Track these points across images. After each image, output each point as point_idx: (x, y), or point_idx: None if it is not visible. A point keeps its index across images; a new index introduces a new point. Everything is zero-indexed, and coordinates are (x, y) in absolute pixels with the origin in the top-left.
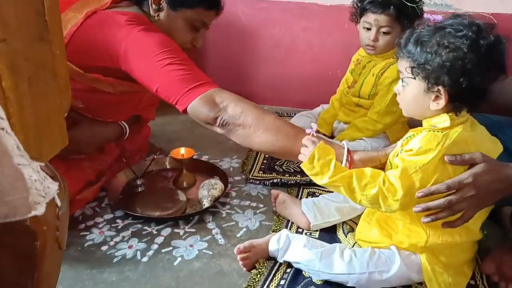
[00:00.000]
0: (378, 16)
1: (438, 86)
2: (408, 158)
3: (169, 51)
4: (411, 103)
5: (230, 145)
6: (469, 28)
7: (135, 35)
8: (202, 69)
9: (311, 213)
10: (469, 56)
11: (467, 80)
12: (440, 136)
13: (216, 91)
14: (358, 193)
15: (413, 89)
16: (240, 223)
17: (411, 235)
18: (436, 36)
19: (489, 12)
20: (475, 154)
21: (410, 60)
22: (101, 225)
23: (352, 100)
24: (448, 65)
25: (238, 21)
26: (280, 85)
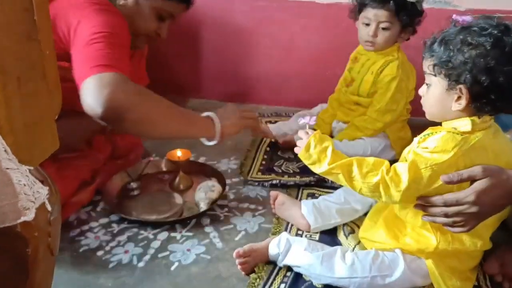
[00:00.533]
0: (377, 11)
1: (460, 85)
2: (421, 153)
3: (106, 33)
4: (434, 104)
5: (228, 146)
6: (496, 27)
7: (87, 14)
8: (199, 68)
9: (312, 215)
10: (492, 53)
11: (489, 78)
12: (459, 138)
13: (117, 76)
14: (359, 181)
15: (435, 89)
16: (238, 226)
17: (420, 240)
18: (461, 35)
19: (489, 9)
20: (475, 169)
21: (434, 58)
22: (96, 229)
23: (351, 99)
24: (470, 62)
25: (235, 20)
26: (278, 85)
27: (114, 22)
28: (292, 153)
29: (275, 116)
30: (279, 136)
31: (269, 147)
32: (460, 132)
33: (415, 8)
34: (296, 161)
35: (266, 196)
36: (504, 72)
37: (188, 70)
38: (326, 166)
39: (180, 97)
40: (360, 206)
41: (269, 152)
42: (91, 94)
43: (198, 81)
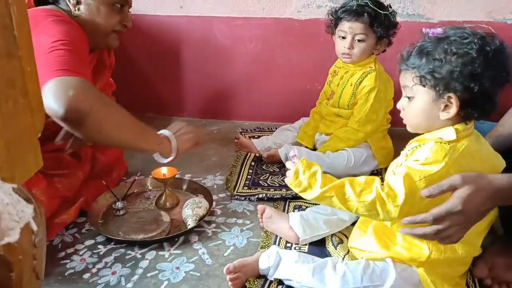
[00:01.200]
0: (352, 24)
1: (449, 93)
2: (413, 166)
3: (65, 41)
4: (419, 115)
5: (213, 162)
6: (473, 36)
7: (45, 25)
8: (181, 87)
9: (300, 227)
10: (478, 60)
11: (477, 85)
12: (447, 148)
13: (81, 81)
14: (354, 200)
15: (420, 100)
16: (227, 241)
17: (412, 250)
18: (442, 45)
19: (460, 20)
20: (454, 178)
21: (416, 70)
22: (82, 251)
23: (332, 111)
24: (458, 71)
25: (214, 39)
26: (259, 101)
27: (71, 31)
28: (277, 166)
29: (258, 131)
30: (263, 150)
31: (253, 162)
32: (447, 141)
33: (388, 19)
34: (281, 174)
35: (253, 211)
36: (488, 77)
37: (170, 89)
38: (318, 190)
39: (162, 116)
40: (347, 216)
41: (254, 167)
42: (54, 95)
43: (180, 100)
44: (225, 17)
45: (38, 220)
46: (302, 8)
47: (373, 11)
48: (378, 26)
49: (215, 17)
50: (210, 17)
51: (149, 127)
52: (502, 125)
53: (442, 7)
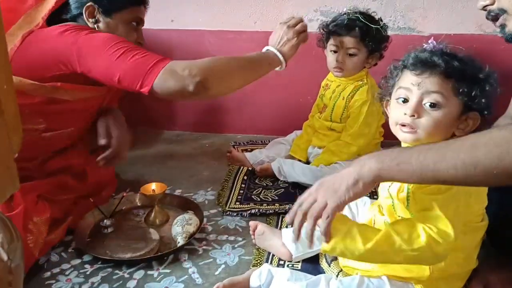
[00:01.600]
0: (343, 38)
1: (475, 111)
2: (434, 197)
3: (119, 43)
4: (442, 126)
5: (204, 176)
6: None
7: (84, 38)
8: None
9: (292, 244)
10: (493, 84)
11: (491, 108)
12: None
13: (175, 62)
14: (407, 250)
15: (449, 111)
16: (218, 259)
17: (412, 269)
18: (469, 63)
19: (451, 33)
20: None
21: (456, 81)
22: (68, 271)
23: (325, 125)
24: (487, 92)
25: (206, 52)
26: (252, 114)
27: (111, 34)
28: (270, 180)
29: (251, 144)
30: (256, 164)
31: (246, 176)
32: None
33: (380, 33)
34: (274, 189)
35: (246, 227)
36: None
37: (162, 103)
38: (362, 248)
39: (154, 130)
40: None
41: (247, 181)
42: (175, 81)
43: (171, 113)
44: (216, 30)
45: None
46: None
47: (364, 25)
48: (370, 40)
49: (207, 31)
50: (201, 30)
51: (255, 54)
52: None
53: (432, 20)
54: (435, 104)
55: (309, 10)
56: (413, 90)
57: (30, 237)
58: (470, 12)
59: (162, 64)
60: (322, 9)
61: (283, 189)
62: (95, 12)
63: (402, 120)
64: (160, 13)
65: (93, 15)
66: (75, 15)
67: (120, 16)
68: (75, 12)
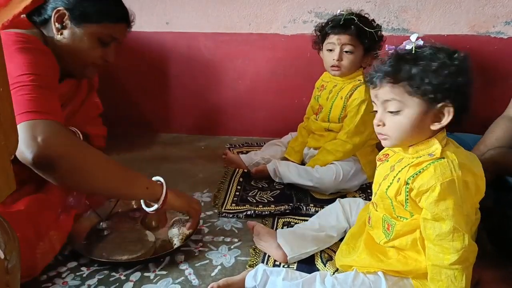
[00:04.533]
0: (340, 36)
1: (445, 102)
2: (442, 204)
3: (31, 75)
4: (409, 129)
5: (200, 178)
6: (442, 51)
7: (10, 53)
8: (167, 102)
9: (287, 245)
10: (463, 70)
11: (465, 93)
12: (445, 162)
13: (51, 123)
14: (453, 270)
15: (411, 112)
16: (214, 260)
17: (409, 262)
18: (425, 57)
19: (444, 34)
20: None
21: (407, 83)
22: (64, 274)
23: (322, 126)
24: (450, 80)
25: (201, 55)
26: (247, 116)
27: (39, 62)
28: (265, 182)
29: (246, 146)
30: (251, 166)
31: (241, 178)
32: (439, 156)
33: (375, 33)
34: (270, 190)
35: (242, 228)
36: (470, 84)
37: (157, 105)
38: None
39: (150, 132)
40: (335, 232)
41: (242, 183)
42: (22, 142)
43: (167, 116)
44: (211, 33)
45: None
46: (288, 23)
47: (359, 23)
48: (365, 38)
49: (201, 33)
50: (196, 33)
51: (136, 172)
52: (483, 143)
53: (426, 21)
54: (392, 111)
55: (303, 11)
56: (376, 102)
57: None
58: (463, 13)
59: (32, 116)
60: (317, 11)
61: (278, 191)
62: (65, 17)
63: (376, 130)
64: (155, 16)
65: (61, 20)
66: (46, 19)
67: (90, 28)
68: (46, 15)
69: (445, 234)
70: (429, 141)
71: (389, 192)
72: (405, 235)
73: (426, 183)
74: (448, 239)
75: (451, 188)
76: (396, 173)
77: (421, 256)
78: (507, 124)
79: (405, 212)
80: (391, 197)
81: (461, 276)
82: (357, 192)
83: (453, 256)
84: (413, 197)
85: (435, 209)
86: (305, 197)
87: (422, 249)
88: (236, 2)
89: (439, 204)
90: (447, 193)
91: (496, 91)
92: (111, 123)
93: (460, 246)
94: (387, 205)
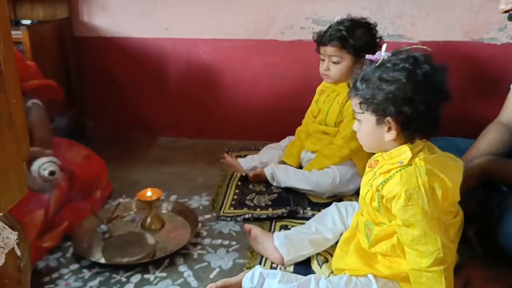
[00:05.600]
0: (326, 48)
1: (387, 117)
2: (407, 211)
3: None
4: (368, 138)
5: (198, 182)
6: (406, 60)
7: None
8: (166, 106)
9: (284, 247)
10: (408, 85)
11: (410, 107)
12: (411, 169)
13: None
14: (433, 273)
15: (366, 124)
16: (212, 263)
17: (393, 266)
18: (377, 73)
19: (439, 40)
20: None
21: (359, 96)
22: (67, 276)
23: (319, 129)
24: (391, 96)
25: (200, 60)
26: (245, 120)
27: None
28: (263, 186)
29: (244, 150)
30: (249, 169)
31: (240, 182)
32: (406, 164)
33: (362, 40)
34: (268, 194)
35: (240, 231)
36: (421, 100)
37: (157, 109)
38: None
39: (149, 136)
40: (331, 235)
41: (240, 186)
42: None
43: (166, 120)
44: (209, 39)
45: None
46: (285, 29)
47: (346, 33)
48: (351, 47)
49: (200, 39)
50: (195, 39)
51: None
52: (475, 147)
53: (421, 28)
54: (357, 120)
55: (300, 18)
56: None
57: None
58: (457, 20)
59: None
60: (314, 17)
61: (276, 194)
62: None
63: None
64: (154, 22)
65: None
66: None
67: None
68: None
69: (417, 238)
70: (400, 148)
71: (366, 198)
72: (382, 240)
73: (392, 190)
74: (421, 243)
75: (416, 195)
76: (372, 180)
77: (404, 261)
78: (499, 129)
79: (383, 218)
80: (367, 203)
81: (440, 278)
82: (354, 196)
83: (429, 259)
84: (385, 204)
85: (403, 215)
86: (302, 201)
87: (402, 254)
88: (235, 9)
89: (407, 210)
90: (412, 199)
91: (489, 96)
92: (112, 127)
93: (433, 249)
94: (369, 210)
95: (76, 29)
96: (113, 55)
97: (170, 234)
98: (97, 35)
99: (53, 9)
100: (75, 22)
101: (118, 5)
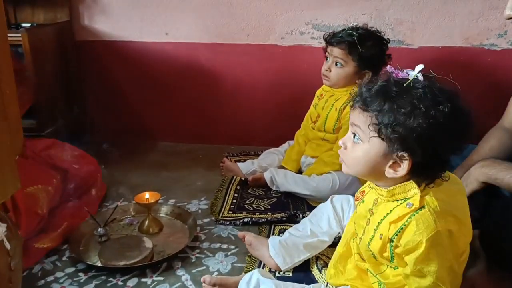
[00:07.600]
0: (333, 48)
1: (403, 152)
2: (426, 260)
3: None
4: (363, 164)
5: (198, 186)
6: (443, 94)
7: None
8: (166, 111)
9: (279, 257)
10: (444, 126)
11: (434, 149)
12: (426, 213)
13: None
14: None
15: (370, 149)
16: (211, 267)
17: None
18: (409, 96)
19: (439, 46)
20: None
21: (375, 115)
22: (62, 279)
23: (318, 135)
24: (420, 131)
25: (200, 65)
26: (245, 125)
27: None
28: (262, 190)
29: (243, 154)
30: (249, 174)
31: (239, 186)
32: (417, 205)
33: (369, 52)
34: (267, 198)
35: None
36: (449, 144)
37: (156, 114)
38: None
39: (149, 140)
40: (327, 237)
41: (240, 190)
42: None
43: (166, 124)
44: (210, 43)
45: (14, 243)
46: (285, 34)
47: (357, 39)
48: (357, 54)
49: (200, 44)
50: (195, 43)
51: None
52: (477, 152)
53: (421, 33)
54: (354, 134)
55: (300, 23)
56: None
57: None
58: (457, 26)
59: None
60: (314, 23)
61: (275, 199)
62: None
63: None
64: (155, 26)
65: None
66: None
67: None
68: None
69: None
70: (406, 185)
71: (372, 247)
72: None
73: (412, 240)
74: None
75: (437, 241)
76: (376, 226)
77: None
78: (501, 134)
79: (384, 261)
80: (375, 252)
81: None
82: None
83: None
84: (398, 253)
85: (418, 264)
86: (302, 205)
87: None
88: (235, 14)
89: (424, 259)
90: (433, 246)
91: (490, 102)
92: (111, 131)
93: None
94: (368, 256)
95: (77, 33)
96: (113, 59)
97: (168, 237)
98: (98, 39)
99: (53, 13)
100: (76, 26)
101: (119, 9)
